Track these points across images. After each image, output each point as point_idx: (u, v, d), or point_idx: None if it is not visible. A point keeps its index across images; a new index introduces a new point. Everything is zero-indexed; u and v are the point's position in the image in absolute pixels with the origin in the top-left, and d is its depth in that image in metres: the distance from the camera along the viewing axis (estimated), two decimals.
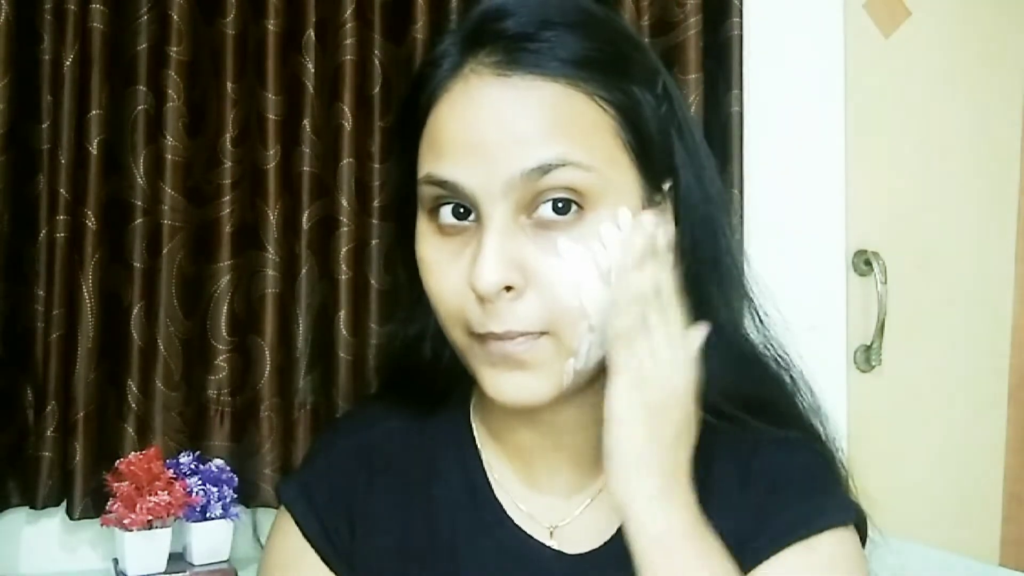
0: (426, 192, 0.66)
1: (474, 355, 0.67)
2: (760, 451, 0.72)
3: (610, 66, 0.66)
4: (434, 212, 0.66)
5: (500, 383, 0.66)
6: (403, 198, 0.73)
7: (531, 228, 0.64)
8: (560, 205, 0.64)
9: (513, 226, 0.63)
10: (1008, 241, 1.79)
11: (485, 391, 0.67)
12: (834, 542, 0.68)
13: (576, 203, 0.64)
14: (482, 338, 0.65)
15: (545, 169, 0.62)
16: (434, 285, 0.67)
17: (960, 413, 1.73)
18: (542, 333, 0.65)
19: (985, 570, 1.28)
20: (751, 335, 0.75)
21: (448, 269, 0.66)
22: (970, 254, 1.75)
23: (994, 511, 1.76)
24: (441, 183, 0.65)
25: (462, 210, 0.65)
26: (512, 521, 0.73)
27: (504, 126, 0.63)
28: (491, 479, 0.75)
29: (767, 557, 0.67)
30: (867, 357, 1.61)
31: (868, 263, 1.60)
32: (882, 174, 1.65)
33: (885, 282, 1.59)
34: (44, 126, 1.13)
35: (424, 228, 0.68)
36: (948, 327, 1.72)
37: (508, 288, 0.63)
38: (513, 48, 0.64)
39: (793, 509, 0.69)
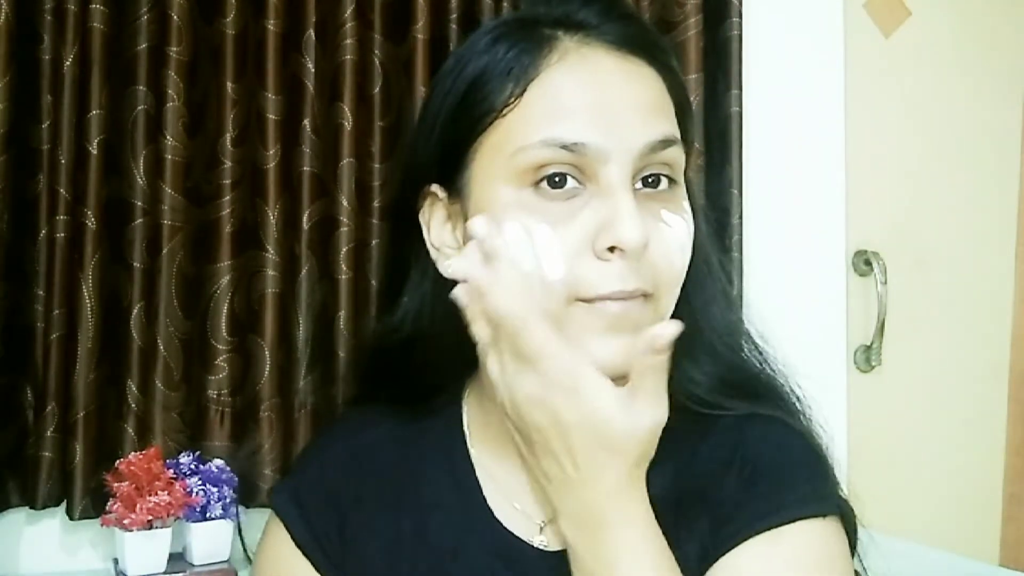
0: (536, 157, 0.66)
1: (574, 322, 0.66)
2: (743, 439, 0.72)
3: (669, 55, 0.73)
4: (534, 181, 0.66)
5: (603, 349, 0.66)
6: (409, 197, 0.73)
7: (640, 197, 0.67)
8: (651, 180, 0.68)
9: (632, 190, 0.67)
10: (1008, 241, 1.79)
11: (591, 354, 0.66)
12: (803, 534, 0.66)
13: (669, 177, 0.69)
14: (592, 303, 0.66)
15: (666, 144, 0.68)
16: (543, 250, 0.66)
17: (960, 413, 1.73)
18: (648, 296, 0.67)
19: (985, 570, 1.28)
20: (738, 330, 0.76)
21: (562, 235, 0.66)
22: (970, 254, 1.74)
23: (994, 511, 1.76)
24: (568, 145, 0.65)
25: (558, 179, 0.66)
26: (499, 523, 0.74)
27: (632, 97, 0.67)
28: (480, 479, 0.75)
29: (733, 547, 0.66)
30: (867, 357, 1.61)
31: (868, 263, 1.60)
32: (882, 174, 1.65)
33: (885, 282, 1.59)
34: (44, 126, 1.13)
35: (516, 198, 0.67)
36: (948, 327, 1.72)
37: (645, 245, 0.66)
38: (611, 31, 0.69)
39: (763, 499, 0.68)
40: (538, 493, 0.74)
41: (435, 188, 0.73)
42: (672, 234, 0.68)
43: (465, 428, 0.78)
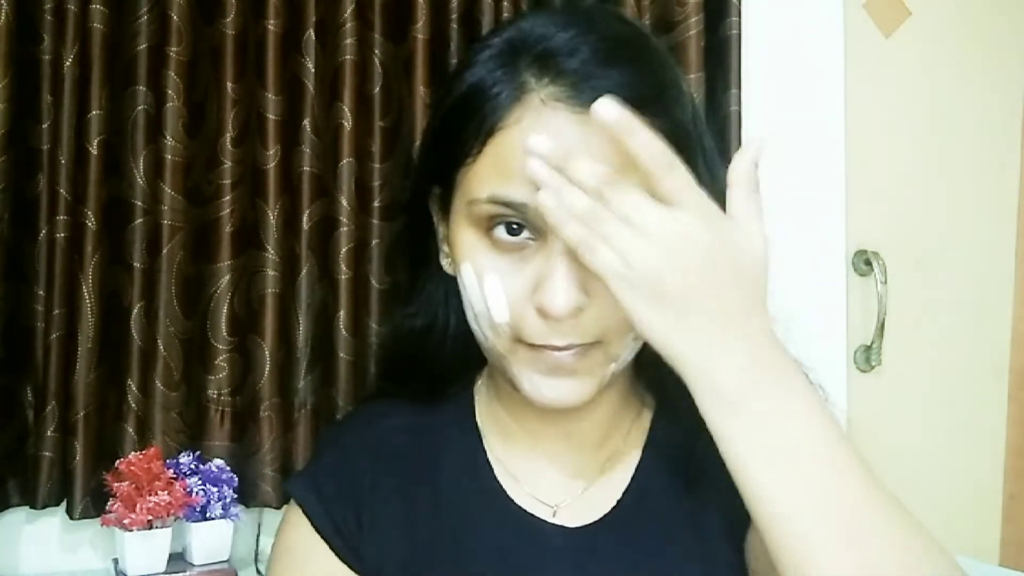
0: (485, 210, 0.68)
1: (518, 360, 0.70)
2: None
3: (661, 96, 0.70)
4: (487, 229, 0.69)
5: (544, 388, 0.69)
6: (420, 203, 0.74)
7: None
8: None
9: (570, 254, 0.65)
10: (1008, 241, 1.79)
11: (523, 392, 0.70)
12: None
13: None
14: (534, 348, 0.68)
15: None
16: (490, 296, 0.69)
17: (960, 413, 1.73)
18: (595, 343, 0.68)
19: (985, 570, 1.28)
20: None
21: (507, 282, 0.68)
22: (970, 254, 1.74)
23: (994, 511, 1.76)
24: (509, 204, 0.67)
25: (515, 226, 0.68)
26: (515, 503, 0.76)
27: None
28: (493, 464, 0.77)
29: None
30: (867, 357, 1.61)
31: (868, 263, 1.60)
32: (882, 174, 1.65)
33: (885, 282, 1.59)
34: (44, 126, 1.13)
35: (473, 241, 0.70)
36: (948, 327, 1.72)
37: (574, 310, 0.66)
38: (581, 86, 0.67)
39: None
40: (547, 480, 0.76)
41: (436, 190, 0.77)
42: None
43: (477, 416, 0.80)
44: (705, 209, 0.59)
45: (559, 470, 0.78)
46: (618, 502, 0.76)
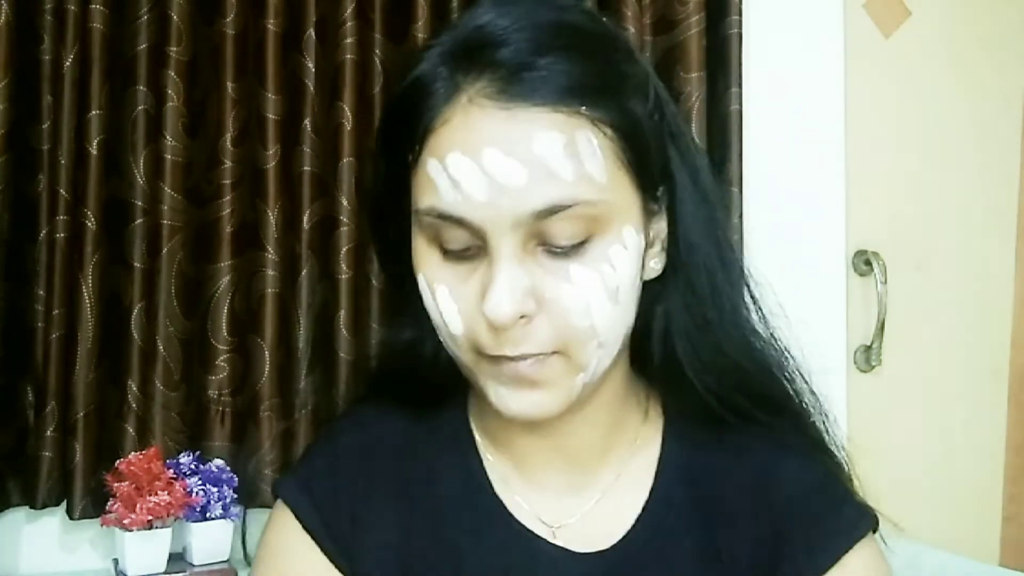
0: (427, 222, 0.65)
1: (482, 372, 0.67)
2: (773, 464, 0.73)
3: (608, 87, 0.66)
4: (434, 238, 0.66)
5: (509, 400, 0.66)
6: (384, 209, 0.73)
7: (541, 254, 0.64)
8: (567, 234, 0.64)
9: (522, 254, 0.63)
10: (1008, 241, 1.79)
11: (492, 406, 0.68)
12: (862, 555, 0.69)
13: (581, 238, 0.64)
14: (493, 359, 0.66)
15: (555, 210, 0.62)
16: (443, 308, 0.66)
17: (960, 413, 1.73)
18: (553, 352, 0.65)
19: (985, 570, 1.28)
20: (746, 330, 0.75)
21: (456, 293, 0.65)
22: (970, 254, 1.74)
23: (994, 511, 1.76)
24: (446, 217, 0.64)
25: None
26: (516, 520, 0.73)
27: (511, 163, 0.61)
28: (492, 479, 0.75)
29: None
30: (867, 357, 1.61)
31: (868, 263, 1.60)
32: (882, 174, 1.65)
33: (885, 282, 1.59)
34: (44, 126, 1.13)
35: (424, 250, 0.67)
36: (948, 327, 1.72)
37: (521, 316, 0.63)
38: (512, 79, 0.63)
39: (819, 531, 0.70)
40: (547, 498, 0.74)
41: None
42: (576, 293, 0.64)
43: (473, 430, 0.78)
44: None
45: (556, 486, 0.75)
46: (630, 530, 0.73)
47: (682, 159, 0.71)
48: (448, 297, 0.66)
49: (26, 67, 1.11)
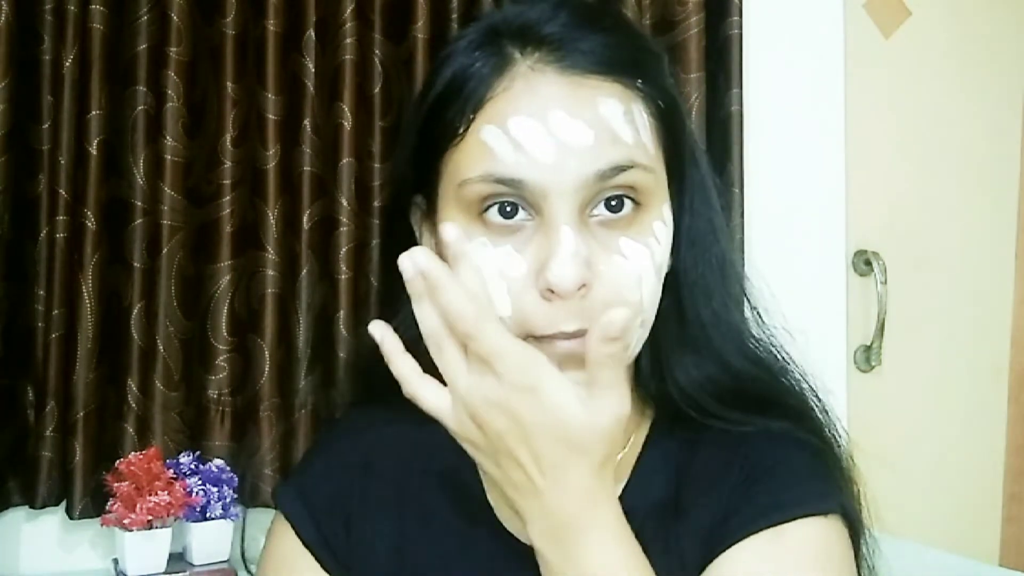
0: (478, 191, 0.64)
1: None
2: (747, 442, 0.71)
3: (653, 67, 0.68)
4: (479, 212, 0.65)
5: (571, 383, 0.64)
6: (400, 197, 0.73)
7: (595, 226, 0.64)
8: (615, 203, 0.65)
9: (579, 223, 0.63)
10: (1008, 241, 1.79)
11: None
12: (807, 530, 0.66)
13: (633, 200, 0.65)
14: (543, 340, 0.64)
15: (617, 170, 0.63)
16: (491, 289, 0.64)
17: (960, 413, 1.73)
18: None
19: (985, 570, 1.28)
20: (743, 334, 0.75)
21: (507, 272, 0.64)
22: (970, 254, 1.74)
23: (994, 511, 1.76)
24: (506, 180, 0.63)
25: (509, 208, 0.64)
26: (505, 529, 0.73)
27: (577, 124, 0.63)
28: (485, 485, 0.75)
29: (734, 542, 0.65)
30: (867, 357, 1.61)
31: (868, 263, 1.60)
32: (882, 174, 1.65)
33: (885, 282, 1.59)
34: (44, 126, 1.13)
35: (465, 227, 0.65)
36: (948, 327, 1.72)
37: (582, 285, 0.62)
38: (570, 48, 0.65)
39: (766, 496, 0.67)
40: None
41: (418, 199, 0.73)
42: (628, 267, 0.64)
43: None
44: (521, 367, 0.56)
45: None
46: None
47: (694, 159, 0.72)
48: (495, 276, 0.64)
49: (26, 67, 1.11)
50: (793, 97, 1.52)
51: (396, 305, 0.77)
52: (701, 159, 0.74)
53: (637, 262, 0.65)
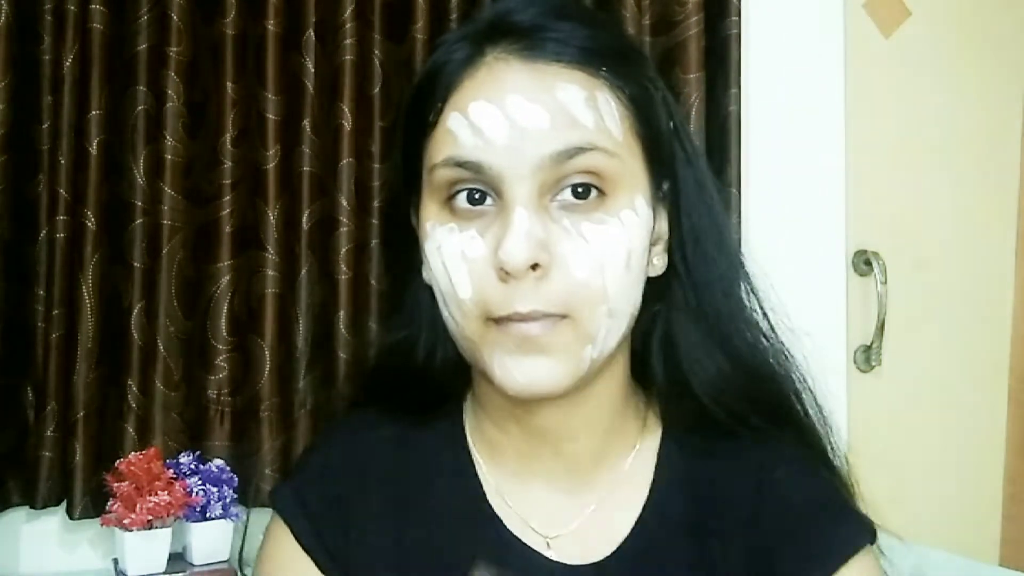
0: (444, 176, 0.66)
1: (488, 343, 0.66)
2: (773, 474, 0.72)
3: (625, 58, 0.69)
4: (447, 199, 0.67)
5: (515, 372, 0.65)
6: (399, 199, 0.73)
7: (555, 210, 0.65)
8: (580, 189, 0.65)
9: (538, 206, 0.64)
10: (1008, 241, 1.79)
11: (496, 381, 0.66)
12: (857, 570, 0.68)
13: (597, 188, 0.65)
14: (500, 323, 0.65)
15: (573, 152, 0.64)
16: (451, 270, 0.66)
17: (960, 413, 1.73)
18: (562, 317, 0.65)
19: (985, 570, 1.28)
20: (752, 333, 0.75)
21: (468, 254, 0.66)
22: (970, 254, 1.74)
23: (994, 511, 1.76)
24: (464, 164, 0.65)
25: (477, 195, 0.66)
26: (510, 532, 0.73)
27: (534, 108, 0.64)
28: (487, 489, 0.75)
29: None
30: (867, 357, 1.61)
31: (868, 263, 1.60)
32: (882, 174, 1.65)
33: (885, 282, 1.59)
34: (44, 127, 1.13)
35: (435, 217, 0.68)
36: (948, 327, 1.72)
37: (534, 267, 0.63)
38: (534, 37, 0.66)
39: (815, 542, 0.69)
40: (542, 509, 0.73)
41: (413, 197, 0.73)
42: (590, 250, 0.64)
43: (468, 439, 0.77)
44: None
45: (552, 496, 0.74)
46: (625, 540, 0.71)
47: (687, 158, 0.72)
48: (457, 259, 0.66)
49: (26, 67, 1.11)
50: (793, 97, 1.52)
51: (396, 305, 0.77)
52: (697, 159, 0.73)
53: (599, 247, 0.65)
